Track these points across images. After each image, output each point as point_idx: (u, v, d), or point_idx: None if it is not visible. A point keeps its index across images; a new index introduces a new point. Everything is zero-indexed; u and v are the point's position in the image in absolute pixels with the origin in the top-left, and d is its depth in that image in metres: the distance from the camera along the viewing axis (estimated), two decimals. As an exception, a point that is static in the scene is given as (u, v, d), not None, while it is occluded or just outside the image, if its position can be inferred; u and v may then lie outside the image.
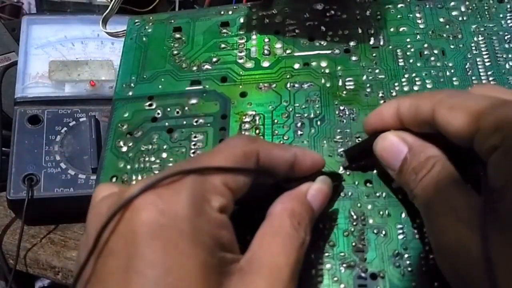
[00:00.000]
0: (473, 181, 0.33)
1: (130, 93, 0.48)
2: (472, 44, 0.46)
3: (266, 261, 0.32)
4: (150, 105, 0.47)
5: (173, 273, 0.28)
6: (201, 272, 0.29)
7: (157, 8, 0.79)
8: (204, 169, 0.32)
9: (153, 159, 0.44)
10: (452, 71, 0.45)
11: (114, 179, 0.44)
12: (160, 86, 0.48)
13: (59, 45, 0.75)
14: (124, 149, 0.45)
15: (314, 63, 0.47)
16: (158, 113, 0.46)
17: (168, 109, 0.47)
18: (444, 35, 0.47)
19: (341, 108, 0.44)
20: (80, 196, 0.62)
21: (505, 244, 0.29)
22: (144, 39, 0.52)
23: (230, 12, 0.52)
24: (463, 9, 0.48)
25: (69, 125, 0.68)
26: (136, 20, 0.53)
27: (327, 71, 0.46)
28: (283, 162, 0.36)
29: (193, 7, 0.72)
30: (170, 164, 0.43)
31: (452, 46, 0.46)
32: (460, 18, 0.48)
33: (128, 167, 0.44)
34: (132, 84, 0.49)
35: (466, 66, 0.45)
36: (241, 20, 0.51)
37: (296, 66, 0.47)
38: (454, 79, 0.44)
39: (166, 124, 0.46)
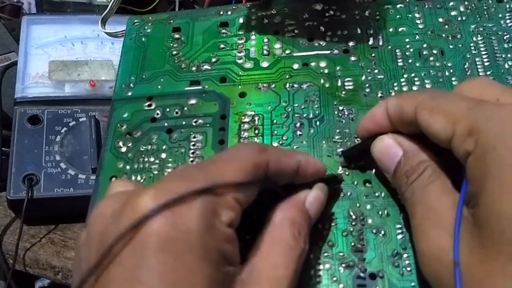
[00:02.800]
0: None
1: (130, 93, 0.48)
2: (471, 44, 0.46)
3: (265, 273, 0.32)
4: (150, 105, 0.47)
5: (179, 287, 0.28)
6: (207, 286, 0.29)
7: (157, 8, 0.79)
8: (218, 186, 0.31)
9: (152, 159, 0.44)
10: (451, 71, 0.44)
11: (113, 180, 0.43)
12: (159, 86, 0.48)
13: (59, 45, 0.75)
14: (124, 149, 0.45)
15: (313, 64, 0.47)
16: (158, 114, 0.46)
17: (168, 110, 0.46)
18: (443, 35, 0.47)
19: (340, 108, 0.44)
20: (80, 196, 0.62)
21: (477, 248, 0.29)
22: (143, 39, 0.52)
23: (229, 13, 0.52)
24: (462, 9, 0.48)
25: (69, 125, 0.67)
26: (136, 20, 0.53)
27: (326, 71, 0.46)
28: (288, 170, 0.36)
29: (193, 7, 0.72)
30: (170, 165, 0.43)
31: (451, 46, 0.46)
32: (459, 18, 0.48)
33: (128, 167, 0.44)
34: (131, 85, 0.48)
35: (465, 66, 0.44)
36: (240, 20, 0.51)
37: (295, 66, 0.47)
38: (453, 79, 0.44)
39: (166, 124, 0.45)
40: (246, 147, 0.36)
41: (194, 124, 0.45)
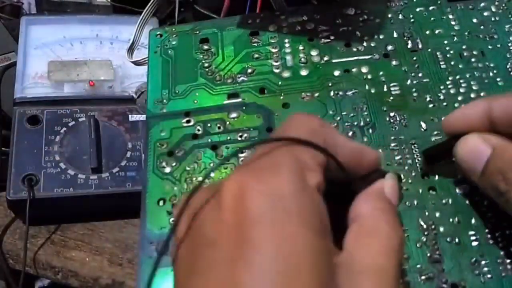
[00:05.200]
0: None
1: (164, 110, 0.43)
2: (509, 44, 0.43)
3: (368, 263, 0.28)
4: (188, 121, 0.42)
5: (284, 260, 0.25)
6: (311, 257, 0.25)
7: (156, 8, 0.74)
8: (286, 139, 0.29)
9: (201, 178, 0.39)
10: (495, 71, 0.42)
11: (161, 203, 0.38)
12: (195, 101, 0.43)
13: (58, 46, 0.71)
14: (168, 169, 0.40)
15: (354, 69, 0.43)
16: (198, 130, 0.41)
17: (209, 125, 0.42)
18: (481, 36, 0.44)
19: (391, 114, 0.40)
20: (80, 196, 0.59)
21: None
22: (169, 52, 0.46)
23: (257, 21, 0.47)
24: (493, 9, 0.45)
25: (68, 125, 0.64)
26: (158, 32, 0.47)
27: (369, 76, 0.42)
28: (349, 150, 0.32)
29: (193, 8, 0.67)
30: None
31: (490, 47, 0.43)
32: (492, 19, 0.45)
33: (176, 188, 0.39)
34: (164, 100, 0.43)
35: (508, 66, 0.42)
36: (271, 28, 0.46)
37: (336, 73, 0.43)
38: (498, 79, 0.41)
39: (209, 140, 0.41)
40: (298, 115, 0.32)
41: (239, 138, 0.41)
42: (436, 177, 0.37)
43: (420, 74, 0.42)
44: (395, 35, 0.45)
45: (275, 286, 0.24)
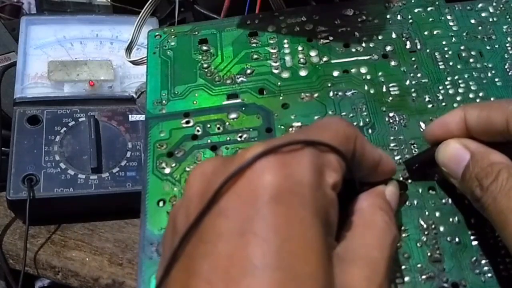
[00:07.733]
0: None
1: (164, 111, 0.42)
2: (507, 45, 0.42)
3: (361, 253, 0.28)
4: (188, 122, 0.41)
5: (293, 241, 0.25)
6: (320, 245, 0.25)
7: (156, 8, 0.74)
8: (321, 143, 0.28)
9: None
10: (493, 72, 0.41)
11: (161, 203, 0.37)
12: (195, 102, 0.42)
13: (58, 45, 0.70)
14: (167, 170, 0.39)
15: (353, 70, 0.42)
16: (198, 130, 0.40)
17: (208, 126, 0.40)
18: (479, 36, 0.43)
19: (390, 114, 0.40)
20: (80, 196, 0.59)
21: None
22: (168, 52, 0.45)
23: (256, 21, 0.46)
24: (491, 10, 0.44)
25: (68, 125, 0.63)
26: (157, 33, 0.46)
27: (368, 77, 0.42)
28: (370, 159, 0.32)
29: (193, 8, 0.67)
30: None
31: (488, 47, 0.42)
32: (490, 19, 0.44)
33: (175, 189, 0.38)
34: (163, 101, 0.42)
35: (506, 67, 0.41)
36: (270, 29, 0.45)
37: (336, 73, 0.42)
38: (496, 79, 0.40)
39: (209, 141, 0.40)
40: (337, 119, 0.32)
41: (239, 139, 0.40)
42: (436, 177, 0.37)
43: (419, 75, 0.42)
44: (393, 35, 0.44)
45: (285, 265, 0.24)
